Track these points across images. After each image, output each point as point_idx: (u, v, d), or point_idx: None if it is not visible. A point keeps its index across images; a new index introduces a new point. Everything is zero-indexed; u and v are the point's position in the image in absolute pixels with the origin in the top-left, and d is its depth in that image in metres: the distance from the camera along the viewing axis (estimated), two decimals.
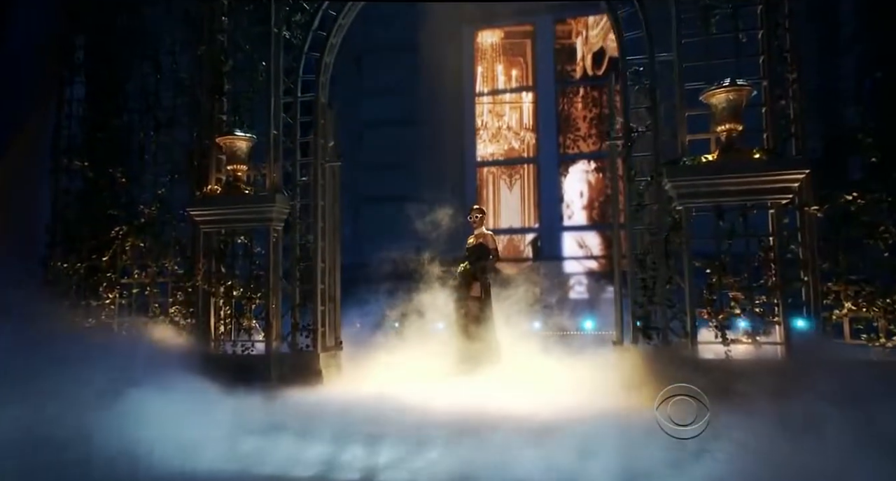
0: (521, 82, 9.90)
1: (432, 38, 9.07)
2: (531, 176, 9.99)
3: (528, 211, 10.21)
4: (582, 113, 9.69)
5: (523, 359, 6.73)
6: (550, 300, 10.96)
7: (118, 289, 7.17)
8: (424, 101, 9.09)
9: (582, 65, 9.63)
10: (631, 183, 5.95)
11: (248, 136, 6.61)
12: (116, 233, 7.19)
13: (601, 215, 9.74)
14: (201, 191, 6.69)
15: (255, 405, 4.91)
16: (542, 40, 9.63)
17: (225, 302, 6.72)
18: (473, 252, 6.75)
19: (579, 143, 9.77)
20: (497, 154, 9.88)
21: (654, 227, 5.86)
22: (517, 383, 5.79)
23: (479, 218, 6.83)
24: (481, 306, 6.58)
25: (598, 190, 9.62)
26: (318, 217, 6.69)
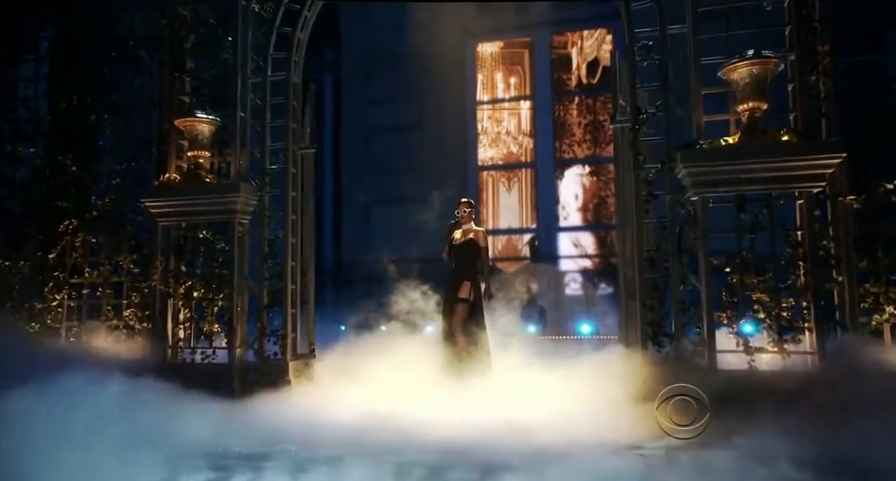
0: (519, 90, 10.40)
1: (436, 49, 9.49)
2: (529, 179, 10.41)
3: (525, 212, 10.59)
4: (577, 119, 10.21)
5: (517, 368, 6.03)
6: (547, 299, 10.51)
7: (67, 290, 6.42)
8: (428, 108, 9.55)
9: (577, 74, 10.17)
10: (640, 170, 5.27)
11: (210, 119, 5.90)
12: (66, 227, 6.45)
13: (595, 216, 10.18)
14: (159, 180, 5.95)
15: (199, 424, 4.17)
16: (539, 50, 10.08)
17: (184, 304, 5.98)
18: (464, 249, 5.94)
19: (574, 148, 10.31)
20: (497, 158, 10.36)
21: (666, 221, 5.18)
22: (510, 397, 5.08)
23: (467, 212, 6.05)
24: (471, 309, 5.79)
25: (593, 192, 10.11)
26: (289, 209, 5.96)
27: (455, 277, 5.89)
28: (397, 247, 8.52)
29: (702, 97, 5.00)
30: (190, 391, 4.94)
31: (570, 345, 9.81)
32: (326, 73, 11.22)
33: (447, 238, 6.01)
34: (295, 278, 6.02)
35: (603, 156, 9.98)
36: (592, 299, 10.19)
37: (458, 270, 5.92)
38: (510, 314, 11.21)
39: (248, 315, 5.94)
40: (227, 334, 5.80)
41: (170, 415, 4.25)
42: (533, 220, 10.63)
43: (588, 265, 10.37)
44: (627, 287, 5.47)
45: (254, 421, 4.58)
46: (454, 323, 5.74)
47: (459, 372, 5.43)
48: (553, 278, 10.47)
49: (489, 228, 11.30)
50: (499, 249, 11.00)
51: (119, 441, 3.46)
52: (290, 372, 5.74)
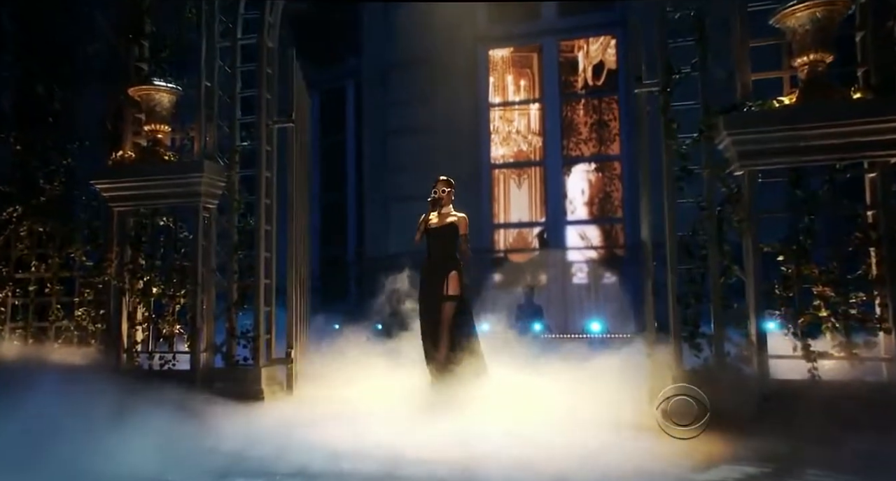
0: (528, 92, 11.02)
1: (450, 55, 10.12)
2: (538, 175, 10.93)
3: (535, 206, 11.03)
4: (583, 119, 10.76)
5: (523, 377, 5.16)
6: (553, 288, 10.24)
7: (10, 286, 5.56)
8: (443, 110, 10.08)
9: (583, 76, 10.78)
10: (672, 141, 4.40)
11: (170, 88, 5.06)
12: (9, 214, 5.60)
13: (600, 210, 10.67)
14: (111, 159, 5.09)
15: (128, 451, 3.31)
16: (548, 55, 10.68)
17: (142, 301, 5.13)
18: (442, 235, 4.83)
19: (581, 146, 10.85)
20: (507, 156, 10.95)
21: (703, 201, 4.31)
22: (518, 415, 4.20)
23: (447, 192, 4.94)
24: (460, 307, 4.74)
25: (598, 188, 10.59)
26: (261, 192, 5.10)
27: (434, 269, 4.81)
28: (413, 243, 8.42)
29: (749, 50, 4.13)
30: (140, 404, 4.09)
31: (578, 345, 8.94)
32: (349, 80, 12.15)
33: (422, 220, 4.92)
34: (270, 272, 5.15)
35: (608, 154, 10.57)
36: (597, 288, 10.36)
37: (435, 260, 4.86)
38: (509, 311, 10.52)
39: (217, 314, 5.09)
40: (189, 336, 4.95)
41: (93, 438, 3.40)
42: (542, 214, 10.99)
43: (593, 256, 10.71)
44: (650, 280, 4.59)
45: (204, 445, 3.71)
46: (442, 328, 4.67)
47: (451, 387, 4.43)
48: (560, 268, 10.46)
49: (500, 221, 11.23)
50: (509, 241, 11.29)
51: None
52: (263, 381, 4.89)
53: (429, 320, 4.76)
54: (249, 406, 4.61)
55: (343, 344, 6.96)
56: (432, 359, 4.67)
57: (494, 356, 5.57)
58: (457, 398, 4.27)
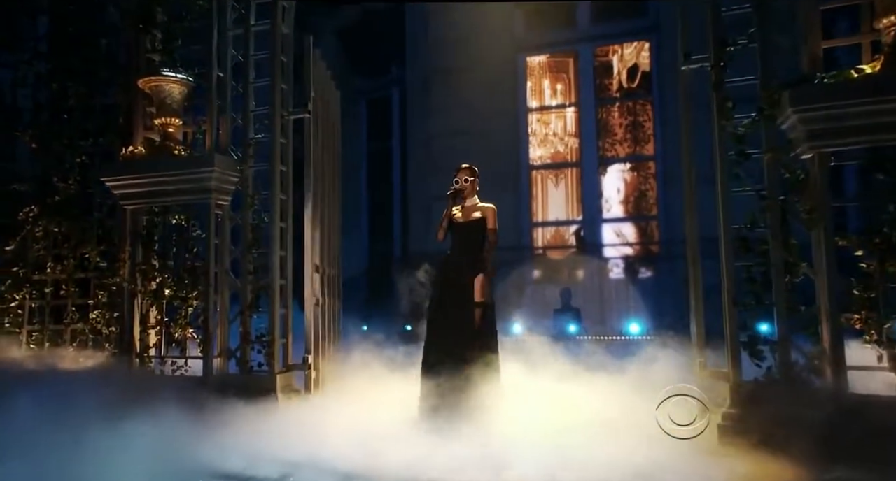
0: (564, 95, 11.34)
1: (489, 63, 10.43)
2: (574, 175, 11.17)
3: (571, 205, 11.22)
4: (618, 120, 10.96)
5: (553, 382, 4.63)
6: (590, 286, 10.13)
7: (28, 288, 5.31)
8: (483, 114, 10.35)
9: (618, 79, 11.01)
10: (726, 122, 3.81)
11: (180, 78, 4.71)
12: (25, 215, 5.35)
13: (636, 208, 10.78)
14: (122, 154, 4.78)
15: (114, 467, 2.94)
16: (583, 61, 10.96)
17: (154, 304, 4.80)
18: (468, 231, 4.19)
19: (616, 147, 11.03)
20: (545, 157, 11.23)
21: (764, 188, 3.72)
22: (548, 426, 3.68)
23: (470, 181, 4.30)
24: (485, 316, 4.04)
25: (633, 186, 10.73)
26: (276, 187, 4.71)
27: (458, 269, 4.15)
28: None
29: (819, 14, 3.52)
30: (148, 412, 3.74)
31: (617, 348, 8.33)
32: (394, 88, 12.63)
33: (445, 214, 4.32)
34: (286, 272, 4.76)
35: (643, 154, 10.76)
36: (633, 284, 10.25)
37: (460, 259, 4.22)
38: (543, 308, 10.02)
39: (231, 317, 4.73)
40: (201, 340, 4.59)
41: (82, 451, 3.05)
42: (578, 212, 11.12)
43: (629, 252, 10.77)
44: (697, 280, 4.01)
45: (200, 463, 3.33)
46: (465, 336, 3.97)
47: (464, 400, 3.79)
48: (596, 264, 10.47)
49: (538, 220, 11.25)
50: (547, 239, 11.42)
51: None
52: (278, 388, 4.49)
53: (443, 326, 4.09)
54: (262, 416, 4.20)
55: (372, 347, 6.57)
56: (434, 373, 3.97)
57: (526, 361, 5.09)
58: (468, 413, 3.73)
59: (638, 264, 10.56)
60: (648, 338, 9.01)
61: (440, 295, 4.18)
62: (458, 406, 3.82)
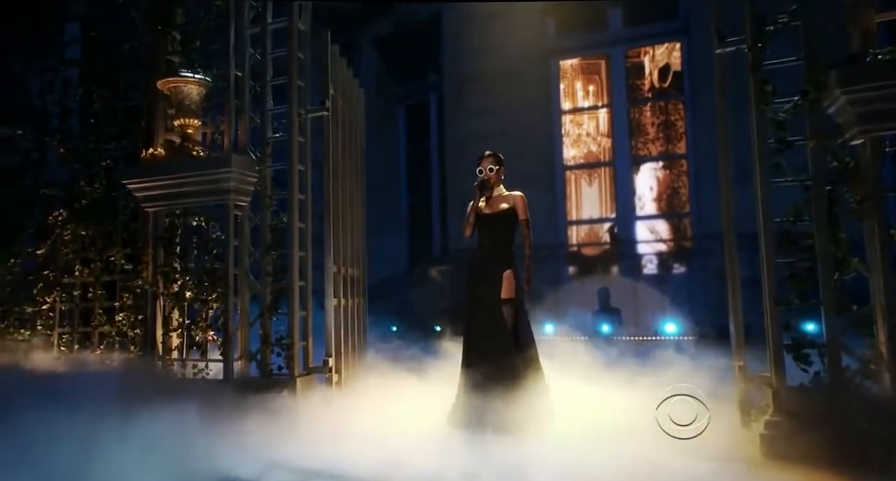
0: (597, 96, 11.46)
1: (522, 67, 10.57)
2: (608, 174, 11.27)
3: (605, 203, 11.31)
4: (650, 120, 11.01)
5: (585, 385, 4.36)
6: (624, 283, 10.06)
7: (58, 291, 5.32)
8: (517, 117, 10.50)
9: (650, 79, 11.08)
10: (766, 107, 3.50)
11: (198, 79, 4.62)
12: (55, 219, 5.36)
13: (668, 205, 10.86)
14: (142, 157, 4.72)
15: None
16: (615, 63, 11.05)
17: (176, 306, 4.73)
18: (496, 223, 3.89)
19: (648, 146, 11.07)
20: (578, 157, 11.38)
21: (809, 178, 3.39)
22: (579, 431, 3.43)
23: (494, 170, 3.97)
24: (517, 314, 3.80)
25: (666, 184, 10.79)
26: (294, 187, 4.57)
27: (487, 264, 3.86)
28: None
29: None
30: (164, 415, 3.65)
31: (653, 348, 7.98)
32: (431, 93, 12.84)
33: (471, 208, 4.01)
34: (305, 273, 4.62)
35: (675, 153, 10.81)
36: (667, 279, 10.21)
37: (488, 254, 3.93)
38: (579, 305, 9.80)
39: (252, 319, 4.61)
40: (221, 343, 4.49)
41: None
42: (612, 211, 11.16)
43: (663, 249, 10.83)
44: (735, 277, 3.69)
45: (213, 469, 3.20)
46: (497, 338, 3.72)
47: (502, 414, 3.50)
48: (630, 260, 10.51)
49: (573, 219, 11.29)
50: (581, 236, 11.46)
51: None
52: (298, 392, 4.35)
53: (477, 325, 3.85)
54: (280, 420, 4.07)
55: (400, 349, 6.41)
56: (474, 371, 3.76)
57: (559, 364, 4.84)
58: (504, 418, 3.51)
59: (671, 260, 10.60)
60: (686, 339, 8.63)
61: (471, 294, 3.94)
62: (498, 413, 3.55)
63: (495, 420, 3.52)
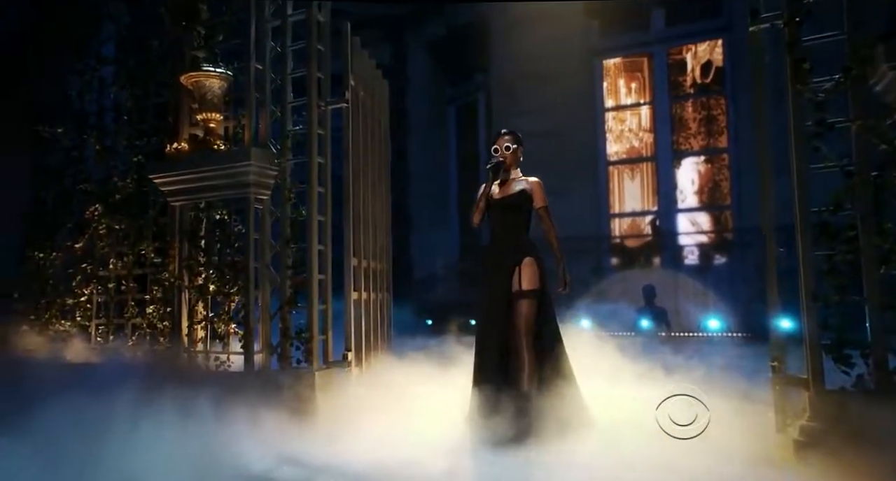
0: (639, 93, 11.56)
1: (567, 67, 10.82)
2: (649, 169, 11.38)
3: (647, 196, 11.41)
4: (692, 115, 11.04)
5: (618, 386, 4.13)
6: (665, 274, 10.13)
7: (94, 283, 5.44)
8: (562, 115, 10.75)
9: (692, 76, 11.15)
10: (803, 87, 3.18)
11: (220, 73, 4.60)
12: (91, 213, 5.47)
13: (710, 198, 10.86)
14: (166, 151, 4.75)
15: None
16: (657, 61, 11.14)
17: (200, 299, 4.74)
18: (510, 209, 3.58)
19: (690, 141, 11.14)
20: (620, 152, 11.52)
21: (851, 163, 3.07)
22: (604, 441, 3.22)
23: (511, 149, 3.69)
24: (542, 307, 3.47)
25: (707, 178, 10.78)
26: (314, 180, 4.50)
27: (500, 254, 3.53)
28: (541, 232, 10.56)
29: None
30: (183, 406, 3.65)
31: (696, 346, 7.61)
32: (479, 94, 13.17)
33: (481, 192, 3.67)
34: (325, 267, 4.54)
35: (717, 147, 10.80)
36: (708, 270, 10.17)
37: (501, 243, 3.61)
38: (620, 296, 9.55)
39: (273, 312, 4.58)
40: (242, 336, 4.47)
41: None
42: (654, 204, 11.26)
43: (704, 240, 10.85)
44: (773, 271, 3.38)
45: (221, 463, 3.15)
46: (521, 334, 3.38)
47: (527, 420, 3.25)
48: (672, 251, 10.61)
49: (615, 212, 11.37)
50: (624, 229, 11.53)
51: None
52: (317, 385, 4.28)
53: (490, 324, 3.52)
54: (297, 414, 4.01)
55: (428, 342, 6.29)
56: (486, 378, 3.44)
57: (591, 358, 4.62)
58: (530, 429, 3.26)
59: (712, 251, 10.63)
60: (729, 336, 8.23)
61: (484, 286, 3.63)
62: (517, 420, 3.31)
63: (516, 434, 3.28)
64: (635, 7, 10.77)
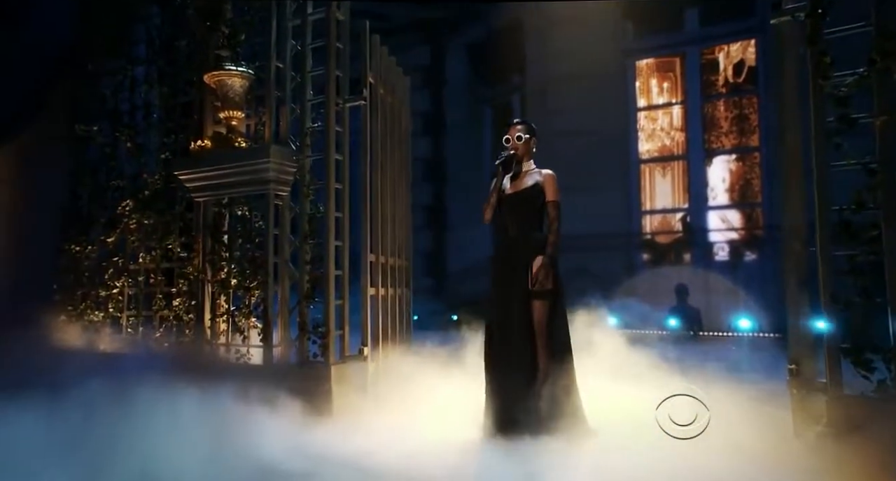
0: (671, 93, 11.62)
1: (600, 68, 10.89)
2: (680, 167, 11.45)
3: (678, 194, 11.46)
4: (724, 114, 11.04)
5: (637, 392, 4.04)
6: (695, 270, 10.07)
7: (125, 277, 5.62)
8: (595, 115, 10.90)
9: (724, 75, 11.15)
10: (824, 82, 3.06)
11: (241, 71, 4.67)
12: (123, 209, 5.65)
13: (741, 196, 10.85)
14: (190, 148, 4.86)
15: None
16: (690, 61, 11.20)
17: (222, 293, 4.85)
18: (522, 204, 3.43)
19: (721, 139, 11.14)
20: (652, 151, 11.61)
21: (875, 160, 2.94)
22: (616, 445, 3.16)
23: (524, 140, 3.48)
24: (552, 311, 3.33)
25: (738, 176, 10.82)
26: (331, 176, 4.54)
27: (512, 253, 3.40)
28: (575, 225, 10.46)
29: None
30: (199, 398, 3.75)
31: (725, 346, 7.43)
32: (515, 94, 13.30)
33: (493, 187, 3.53)
34: (342, 262, 4.59)
35: (748, 146, 10.74)
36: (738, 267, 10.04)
37: (513, 240, 3.46)
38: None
39: (291, 307, 4.65)
40: (262, 330, 4.56)
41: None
42: (685, 201, 11.26)
43: (734, 237, 10.79)
44: (798, 271, 3.26)
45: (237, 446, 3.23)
46: (535, 336, 3.26)
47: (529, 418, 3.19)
48: (702, 248, 10.53)
49: (646, 209, 11.28)
50: (654, 225, 11.51)
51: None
52: (333, 380, 4.33)
53: (501, 324, 3.37)
54: (310, 407, 4.06)
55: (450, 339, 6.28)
56: (500, 388, 3.33)
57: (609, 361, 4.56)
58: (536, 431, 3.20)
59: (743, 248, 10.65)
60: (761, 335, 7.99)
61: (495, 287, 3.51)
62: (523, 423, 3.25)
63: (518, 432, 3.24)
64: (669, 8, 10.76)
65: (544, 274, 3.37)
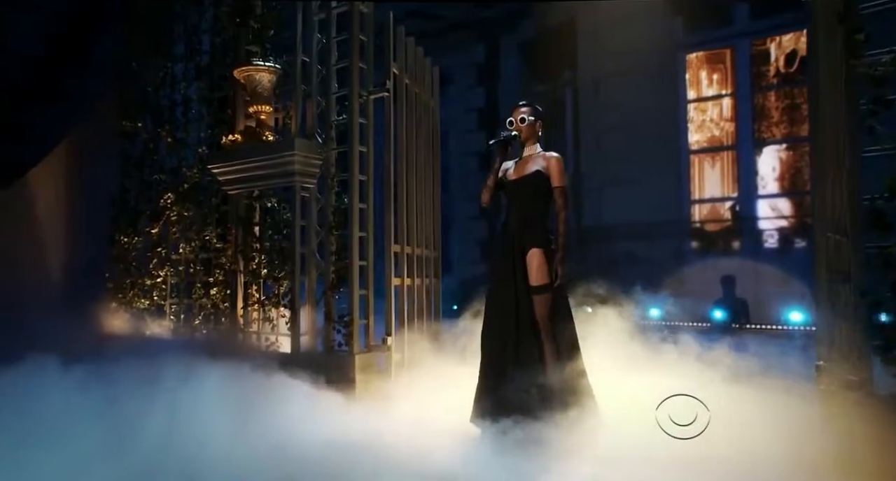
0: (721, 84, 11.58)
1: (651, 63, 10.99)
2: (730, 157, 11.42)
3: (727, 183, 11.45)
4: (774, 104, 10.87)
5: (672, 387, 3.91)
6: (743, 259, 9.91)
7: (168, 266, 5.86)
8: (645, 108, 11.00)
9: (776, 65, 10.98)
10: (856, 61, 2.86)
11: (269, 66, 4.77)
12: (164, 201, 5.88)
13: (791, 184, 10.68)
14: (222, 142, 5.00)
15: None
16: (740, 53, 11.10)
17: (253, 283, 4.99)
18: (527, 188, 3.21)
19: (772, 129, 11.01)
20: (701, 141, 11.65)
21: None
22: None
23: (528, 122, 3.27)
24: (553, 307, 3.14)
25: (789, 165, 10.73)
26: (354, 168, 4.58)
27: (511, 243, 3.18)
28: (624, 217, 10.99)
29: None
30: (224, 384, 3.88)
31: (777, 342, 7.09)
32: (567, 89, 13.39)
33: (493, 169, 3.32)
34: (366, 253, 4.64)
35: (799, 136, 10.44)
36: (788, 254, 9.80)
37: (514, 231, 3.22)
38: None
39: (318, 297, 4.74)
40: (289, 319, 4.67)
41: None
42: (734, 190, 11.26)
43: (784, 225, 10.66)
44: (830, 262, 3.07)
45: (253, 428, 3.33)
46: (536, 332, 3.10)
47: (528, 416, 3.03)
48: (751, 236, 10.36)
49: (696, 198, 11.15)
50: (703, 213, 11.41)
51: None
52: (357, 369, 4.40)
53: (497, 321, 3.17)
54: (335, 397, 4.13)
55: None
56: (491, 387, 3.17)
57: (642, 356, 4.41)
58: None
59: (792, 235, 10.55)
60: (812, 330, 7.60)
61: (494, 278, 3.30)
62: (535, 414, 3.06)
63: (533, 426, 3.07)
64: (719, 1, 10.64)
65: (540, 267, 3.17)
